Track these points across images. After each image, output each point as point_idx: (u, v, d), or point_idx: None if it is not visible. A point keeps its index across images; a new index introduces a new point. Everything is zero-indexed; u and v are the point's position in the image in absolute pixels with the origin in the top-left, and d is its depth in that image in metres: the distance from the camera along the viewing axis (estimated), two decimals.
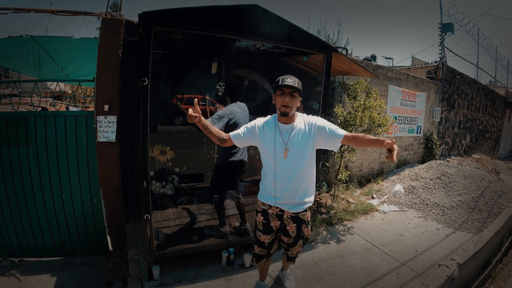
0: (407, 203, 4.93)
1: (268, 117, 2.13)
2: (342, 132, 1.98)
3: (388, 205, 4.87)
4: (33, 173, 3.27)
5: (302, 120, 2.06)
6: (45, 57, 4.99)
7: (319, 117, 2.12)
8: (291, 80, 1.92)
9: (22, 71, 6.24)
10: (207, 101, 3.21)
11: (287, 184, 2.03)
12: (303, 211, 2.12)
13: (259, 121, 2.11)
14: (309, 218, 2.19)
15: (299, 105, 2.01)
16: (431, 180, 5.55)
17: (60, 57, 4.99)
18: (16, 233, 3.35)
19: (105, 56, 3.03)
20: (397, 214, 4.57)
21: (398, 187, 5.30)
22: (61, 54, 4.85)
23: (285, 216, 2.11)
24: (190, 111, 1.84)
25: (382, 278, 2.81)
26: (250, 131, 2.08)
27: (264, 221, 2.15)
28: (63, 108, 9.60)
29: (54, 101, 4.37)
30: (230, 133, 2.10)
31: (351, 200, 4.64)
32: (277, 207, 2.10)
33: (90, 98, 13.76)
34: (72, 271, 3.30)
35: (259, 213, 2.19)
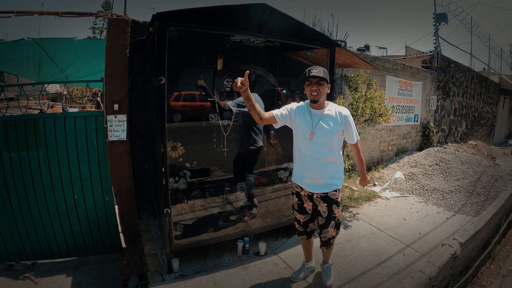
0: (408, 189, 5.09)
1: (301, 103, 2.32)
2: (356, 138, 2.27)
3: (390, 191, 5.03)
4: (44, 175, 3.29)
5: (333, 108, 2.24)
6: (46, 60, 4.98)
7: (349, 111, 2.29)
8: (316, 71, 2.10)
9: (20, 74, 6.21)
10: (216, 94, 3.27)
11: (312, 165, 2.19)
12: (333, 191, 2.24)
13: (294, 105, 2.31)
14: (339, 200, 2.32)
15: (328, 91, 2.22)
16: (430, 166, 5.71)
17: (61, 58, 4.99)
18: (28, 236, 3.38)
19: (113, 56, 3.07)
20: (399, 200, 4.73)
21: (399, 174, 5.46)
22: (62, 56, 4.85)
23: (314, 197, 2.26)
24: (240, 80, 1.94)
25: (390, 259, 2.95)
26: (287, 112, 2.25)
27: (298, 202, 2.35)
28: (59, 110, 9.58)
29: (51, 103, 4.38)
30: (273, 111, 2.25)
31: (354, 188, 4.78)
32: (306, 189, 2.26)
33: (86, 98, 13.68)
34: (87, 270, 3.37)
35: (294, 195, 2.39)
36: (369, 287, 2.52)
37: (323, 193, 2.23)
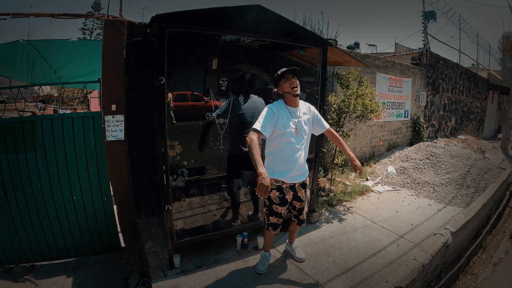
0: (399, 183, 5.23)
1: (274, 103, 2.43)
2: (327, 125, 2.60)
3: (382, 185, 5.16)
4: (42, 176, 3.31)
5: (303, 105, 2.49)
6: (40, 61, 4.96)
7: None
8: (289, 68, 2.32)
9: (13, 77, 6.15)
10: (210, 96, 3.34)
11: (297, 158, 2.39)
12: (306, 177, 2.56)
13: (272, 106, 2.38)
14: (308, 182, 2.65)
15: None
16: (421, 160, 5.87)
17: (55, 59, 4.97)
18: (27, 238, 3.39)
19: (109, 57, 3.10)
20: (391, 193, 4.86)
21: (390, 169, 5.59)
22: (56, 57, 4.84)
23: (296, 186, 2.48)
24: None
25: (384, 249, 3.06)
26: (272, 117, 2.30)
27: (280, 195, 2.45)
28: (51, 112, 9.48)
29: (43, 105, 4.36)
30: (259, 129, 2.23)
31: (347, 182, 4.90)
32: (289, 181, 2.42)
33: (77, 100, 13.53)
34: (87, 270, 3.40)
35: (273, 190, 2.45)
36: (365, 276, 2.62)
37: (301, 182, 2.50)
